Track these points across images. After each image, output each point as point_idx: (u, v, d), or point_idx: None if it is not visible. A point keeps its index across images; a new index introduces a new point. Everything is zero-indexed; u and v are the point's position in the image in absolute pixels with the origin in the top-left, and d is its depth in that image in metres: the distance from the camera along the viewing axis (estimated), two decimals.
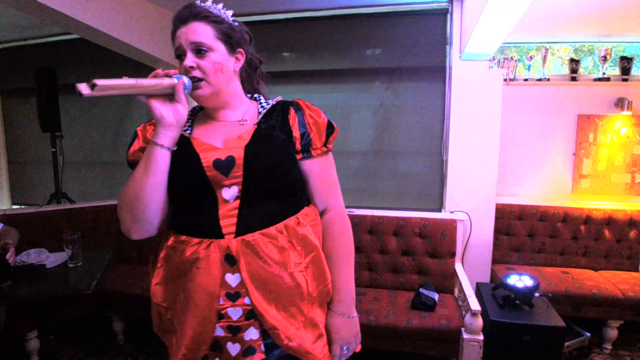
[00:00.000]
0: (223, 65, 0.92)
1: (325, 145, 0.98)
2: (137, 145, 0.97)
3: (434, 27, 2.67)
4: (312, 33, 2.85)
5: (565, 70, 2.97)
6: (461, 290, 2.15)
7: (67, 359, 2.32)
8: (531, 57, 2.89)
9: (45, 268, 1.85)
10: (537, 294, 2.03)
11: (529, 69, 2.90)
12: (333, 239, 0.99)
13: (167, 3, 2.71)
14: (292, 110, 0.96)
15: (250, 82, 1.05)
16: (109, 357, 2.35)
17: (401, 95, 2.80)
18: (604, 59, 2.76)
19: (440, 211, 2.76)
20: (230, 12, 0.96)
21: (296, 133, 0.94)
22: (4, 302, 1.78)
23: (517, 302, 2.03)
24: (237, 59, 0.96)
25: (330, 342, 0.97)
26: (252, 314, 0.87)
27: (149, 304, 0.95)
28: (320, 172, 0.99)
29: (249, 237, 0.86)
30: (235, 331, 0.88)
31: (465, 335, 1.89)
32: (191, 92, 0.91)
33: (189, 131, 0.96)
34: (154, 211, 0.89)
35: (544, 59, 2.87)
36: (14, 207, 3.80)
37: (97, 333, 2.59)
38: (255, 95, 1.04)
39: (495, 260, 2.69)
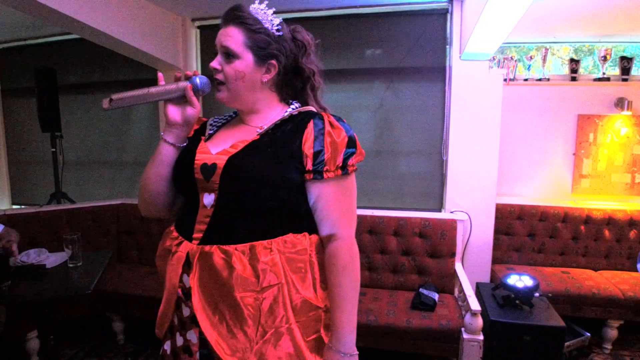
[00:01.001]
0: (245, 75, 0.90)
1: (343, 167, 0.88)
2: None
3: (434, 27, 2.67)
4: (313, 33, 2.83)
5: (565, 70, 2.98)
6: (461, 290, 2.15)
7: (67, 359, 2.32)
8: (531, 57, 2.89)
9: (45, 268, 1.85)
10: (537, 294, 2.03)
11: (529, 69, 2.90)
12: (337, 273, 0.89)
13: (167, 3, 2.70)
14: (310, 124, 0.89)
15: (294, 91, 1.01)
16: (109, 357, 2.35)
17: (401, 95, 2.80)
18: (604, 59, 2.76)
19: (440, 211, 2.76)
20: (277, 21, 0.93)
21: (308, 151, 0.87)
22: (4, 302, 1.78)
23: (517, 302, 2.03)
24: (267, 70, 0.92)
25: None
26: (195, 320, 0.87)
27: (149, 304, 1.00)
28: (332, 196, 0.90)
29: (207, 247, 0.87)
30: (182, 326, 0.92)
31: (465, 335, 1.89)
32: (214, 93, 0.94)
33: (211, 131, 0.99)
34: (156, 197, 0.97)
35: (544, 59, 2.87)
36: (14, 207, 3.79)
37: (97, 333, 2.59)
38: (291, 101, 0.99)
39: (495, 260, 2.69)
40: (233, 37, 0.89)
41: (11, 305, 1.97)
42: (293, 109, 0.96)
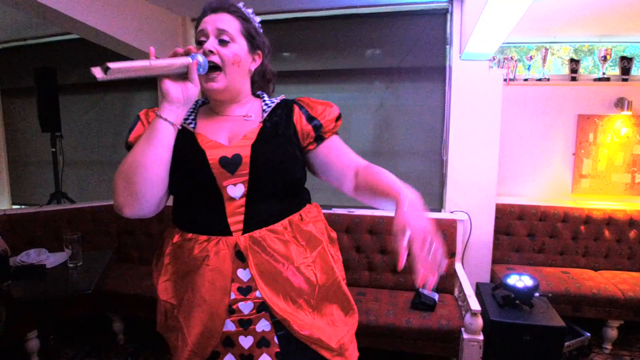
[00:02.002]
0: (241, 59, 0.92)
1: (334, 129, 0.99)
2: (140, 129, 0.92)
3: (434, 27, 2.67)
4: (312, 33, 2.84)
5: (565, 70, 2.97)
6: (461, 290, 2.15)
7: (67, 359, 2.32)
8: (531, 57, 2.89)
9: (45, 268, 1.85)
10: (537, 294, 2.03)
11: (529, 69, 2.90)
12: (379, 172, 0.91)
13: (167, 3, 2.71)
14: (296, 108, 0.97)
15: (260, 88, 1.05)
16: (109, 357, 2.35)
17: (401, 95, 2.80)
18: (604, 59, 2.76)
19: (440, 211, 2.76)
20: (258, 19, 1.01)
21: (304, 126, 0.95)
22: (4, 302, 1.78)
23: (517, 302, 2.03)
24: (254, 59, 0.98)
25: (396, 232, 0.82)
26: (263, 306, 0.89)
27: (149, 303, 0.98)
28: (339, 145, 0.99)
29: (256, 233, 0.88)
30: (246, 324, 0.89)
31: (465, 335, 1.89)
32: (206, 83, 0.90)
33: (192, 125, 0.95)
34: (151, 186, 0.84)
35: (544, 59, 2.87)
36: (14, 207, 3.80)
37: (97, 333, 2.59)
38: (259, 92, 1.04)
39: (495, 260, 2.69)
40: (229, 22, 0.91)
41: (11, 305, 1.97)
42: (270, 99, 1.00)
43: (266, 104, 0.98)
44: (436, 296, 2.17)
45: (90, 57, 3.29)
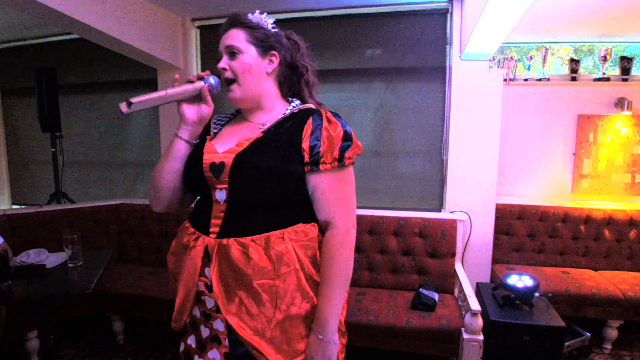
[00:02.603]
0: (252, 66, 0.97)
1: (339, 159, 0.94)
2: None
3: (434, 27, 2.67)
4: (312, 33, 2.84)
5: (565, 70, 2.98)
6: (461, 290, 2.15)
7: (67, 359, 2.32)
8: (531, 57, 2.89)
9: (45, 268, 1.85)
10: (537, 294, 2.03)
11: (529, 69, 2.90)
12: (327, 259, 0.94)
13: (167, 3, 2.71)
14: (309, 121, 0.95)
15: (291, 86, 1.07)
16: (109, 357, 2.35)
17: (401, 95, 2.80)
18: (604, 59, 2.76)
19: (440, 211, 2.76)
20: (270, 20, 1.03)
21: (305, 145, 0.93)
22: (4, 302, 1.78)
23: (517, 302, 2.03)
24: (270, 61, 1.00)
25: None
26: (219, 309, 0.93)
27: (149, 304, 1.00)
28: (328, 187, 0.95)
29: (224, 240, 0.91)
30: (207, 317, 0.97)
31: (465, 335, 1.89)
32: (224, 93, 1.00)
33: (215, 130, 1.05)
34: (167, 191, 1.01)
35: (544, 59, 2.87)
36: (14, 207, 3.80)
37: (97, 333, 2.59)
38: (292, 98, 1.06)
39: (495, 260, 2.69)
40: (235, 36, 0.97)
41: (11, 305, 1.97)
42: (294, 106, 1.02)
43: (287, 111, 1.00)
44: (436, 296, 2.17)
45: (90, 57, 3.30)
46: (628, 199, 2.82)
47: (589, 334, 2.30)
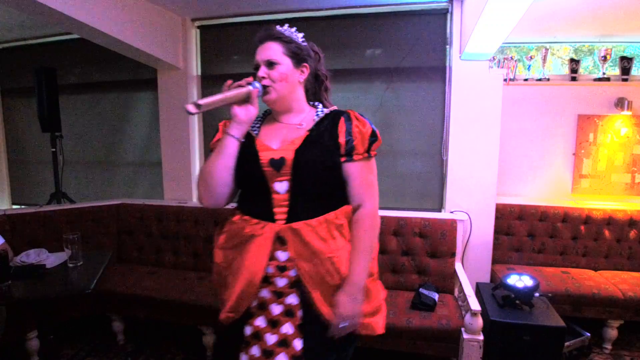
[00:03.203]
0: (288, 76, 1.13)
1: (367, 151, 1.16)
2: (218, 136, 1.19)
3: (434, 27, 2.67)
4: (312, 33, 2.83)
5: (565, 70, 2.97)
6: (461, 290, 2.14)
7: (67, 359, 2.32)
8: (531, 57, 2.89)
9: (45, 268, 1.85)
10: (537, 294, 2.03)
11: (529, 69, 2.90)
12: (359, 232, 1.14)
13: (167, 3, 2.71)
14: (342, 120, 1.14)
15: (314, 92, 1.25)
16: (109, 357, 2.35)
17: (401, 95, 2.80)
18: (604, 59, 2.76)
19: (440, 211, 2.76)
20: (300, 35, 1.19)
21: (342, 139, 1.12)
22: (4, 302, 1.78)
23: (517, 302, 2.03)
24: (302, 72, 1.17)
25: (333, 313, 1.10)
26: (295, 284, 1.09)
27: (149, 304, 1.00)
28: (359, 174, 1.15)
29: (295, 224, 1.08)
30: (279, 295, 1.10)
31: (465, 335, 1.89)
32: (262, 96, 1.13)
33: (256, 131, 1.19)
34: (220, 186, 1.12)
35: (544, 59, 2.87)
36: (14, 207, 3.80)
37: (97, 333, 2.59)
38: (315, 102, 1.23)
39: (495, 260, 2.69)
40: (273, 49, 1.13)
41: (11, 305, 1.97)
42: (322, 110, 1.20)
43: (317, 115, 1.18)
44: (436, 296, 2.17)
45: (90, 57, 3.30)
46: (628, 199, 2.82)
47: (589, 334, 2.30)
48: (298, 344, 1.07)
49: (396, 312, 2.07)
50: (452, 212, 2.60)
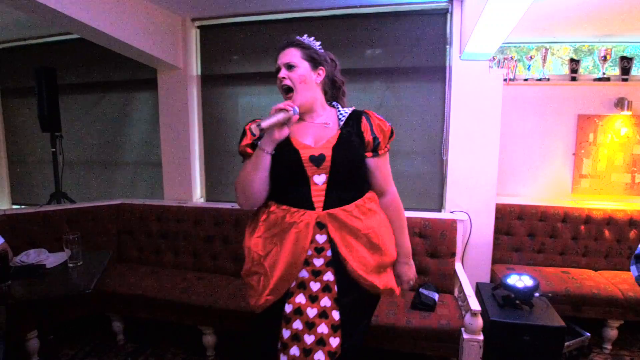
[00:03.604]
0: (306, 77, 1.29)
1: (386, 146, 1.35)
2: (246, 141, 1.32)
3: (434, 27, 2.67)
4: (313, 33, 2.82)
5: (565, 70, 2.97)
6: (461, 290, 2.14)
7: (67, 359, 2.32)
8: (531, 57, 2.89)
9: (45, 268, 1.85)
10: (537, 294, 2.03)
11: (529, 69, 2.90)
12: (397, 213, 1.41)
13: (167, 3, 2.71)
14: (364, 119, 1.32)
15: (332, 95, 1.41)
16: (109, 357, 2.35)
17: (401, 95, 2.80)
18: (604, 59, 2.76)
19: (440, 211, 2.76)
20: (318, 43, 1.37)
21: (368, 138, 1.31)
22: (4, 302, 1.78)
23: (517, 302, 2.03)
24: (318, 74, 1.32)
25: (400, 282, 1.42)
26: (330, 263, 1.25)
27: (149, 304, 1.00)
28: (383, 166, 1.36)
29: (332, 210, 1.24)
30: (316, 274, 1.26)
31: (465, 335, 1.89)
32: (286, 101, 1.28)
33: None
34: (258, 194, 1.28)
35: (544, 59, 2.87)
36: (14, 207, 3.80)
37: (97, 333, 2.59)
38: (334, 103, 1.40)
39: (495, 260, 2.69)
40: (293, 54, 1.29)
41: (11, 305, 1.97)
42: (345, 110, 1.35)
43: (341, 114, 1.34)
44: (436, 296, 2.17)
45: (90, 57, 3.30)
46: (628, 199, 2.82)
47: (589, 334, 2.30)
48: (336, 315, 1.23)
49: (396, 312, 2.07)
50: (452, 212, 2.60)
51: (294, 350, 1.21)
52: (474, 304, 1.89)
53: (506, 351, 1.93)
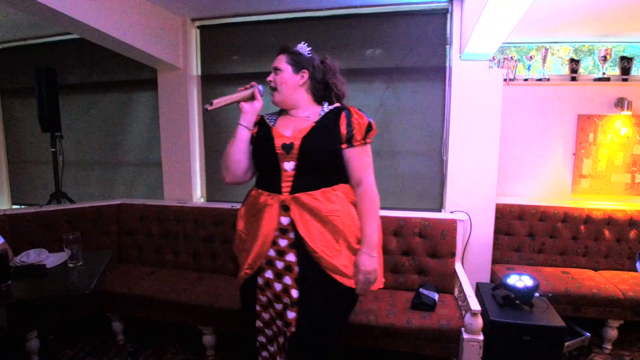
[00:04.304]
0: (287, 79, 1.45)
1: (364, 139, 1.42)
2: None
3: (434, 27, 2.67)
4: (312, 33, 2.84)
5: (565, 70, 2.97)
6: (461, 290, 2.14)
7: (67, 359, 2.32)
8: (531, 57, 2.89)
9: (45, 268, 1.85)
10: (537, 294, 2.03)
11: (529, 69, 2.90)
12: (365, 203, 1.43)
13: (167, 3, 2.71)
14: (343, 114, 1.43)
15: (324, 96, 1.53)
16: (109, 357, 2.35)
17: (401, 95, 2.80)
18: (604, 59, 2.76)
19: (440, 211, 2.76)
20: (308, 49, 1.49)
21: (343, 130, 1.40)
22: (4, 302, 1.78)
23: (517, 302, 2.03)
24: (301, 76, 1.46)
25: (356, 273, 1.39)
26: (293, 245, 1.38)
27: (149, 304, 1.02)
28: (357, 157, 1.43)
29: (297, 195, 1.36)
30: (281, 254, 1.40)
31: (465, 335, 1.89)
32: (270, 95, 1.49)
33: (272, 123, 1.49)
34: (237, 165, 1.45)
35: (544, 59, 2.87)
36: (14, 207, 3.80)
37: (97, 333, 2.59)
38: (323, 102, 1.52)
39: (495, 260, 2.69)
40: (280, 59, 1.47)
41: (11, 305, 1.97)
42: (327, 106, 1.48)
43: (323, 110, 1.47)
44: (436, 296, 2.17)
45: (90, 57, 3.30)
46: (628, 199, 2.82)
47: (589, 334, 2.30)
48: (295, 293, 1.37)
49: (396, 312, 2.07)
50: (452, 212, 2.60)
51: (265, 315, 1.46)
52: (474, 304, 1.89)
53: (506, 351, 1.93)
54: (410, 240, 2.42)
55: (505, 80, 2.77)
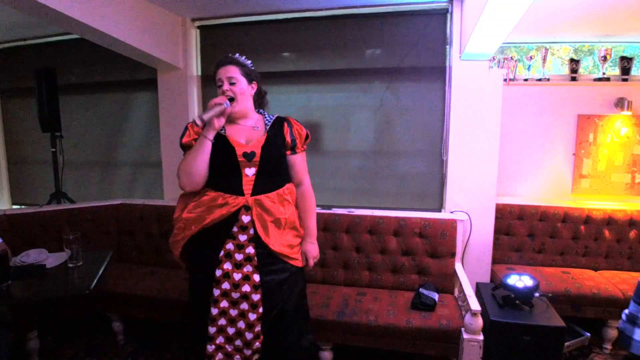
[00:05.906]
0: (244, 90, 1.60)
1: (303, 146, 1.69)
2: (189, 136, 1.59)
3: (434, 27, 2.67)
4: (312, 33, 2.84)
5: (565, 70, 2.97)
6: (461, 290, 2.14)
7: (67, 359, 2.32)
8: (531, 57, 2.89)
9: (45, 268, 1.85)
10: (537, 294, 2.03)
11: (529, 69, 2.90)
12: (306, 201, 1.74)
13: (167, 3, 2.71)
14: (285, 125, 1.65)
15: (259, 103, 1.72)
16: (109, 357, 2.35)
17: (401, 95, 2.80)
18: (604, 59, 2.76)
19: (440, 211, 2.76)
20: (249, 62, 1.65)
21: (288, 139, 1.64)
22: (4, 302, 1.78)
23: (517, 302, 2.03)
24: (252, 87, 1.65)
25: (306, 259, 1.71)
26: (252, 239, 1.57)
27: (149, 304, 1.03)
28: (300, 162, 1.70)
29: (258, 196, 1.56)
30: (240, 247, 1.57)
31: (465, 335, 1.89)
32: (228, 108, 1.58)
33: (223, 131, 1.60)
34: (200, 175, 1.54)
35: (544, 59, 2.87)
36: (14, 207, 3.80)
37: (97, 333, 2.59)
38: (261, 110, 1.72)
39: (495, 260, 2.69)
40: (233, 71, 1.58)
41: (11, 306, 1.97)
42: (270, 116, 1.69)
43: (267, 120, 1.67)
44: (436, 296, 2.17)
45: (90, 57, 3.30)
46: (628, 199, 2.82)
47: (589, 334, 2.30)
48: (256, 277, 1.56)
49: (396, 312, 2.07)
50: (452, 212, 2.60)
51: (224, 303, 1.57)
52: (474, 304, 1.89)
53: (506, 351, 1.93)
54: (410, 240, 2.42)
55: (505, 80, 2.77)
